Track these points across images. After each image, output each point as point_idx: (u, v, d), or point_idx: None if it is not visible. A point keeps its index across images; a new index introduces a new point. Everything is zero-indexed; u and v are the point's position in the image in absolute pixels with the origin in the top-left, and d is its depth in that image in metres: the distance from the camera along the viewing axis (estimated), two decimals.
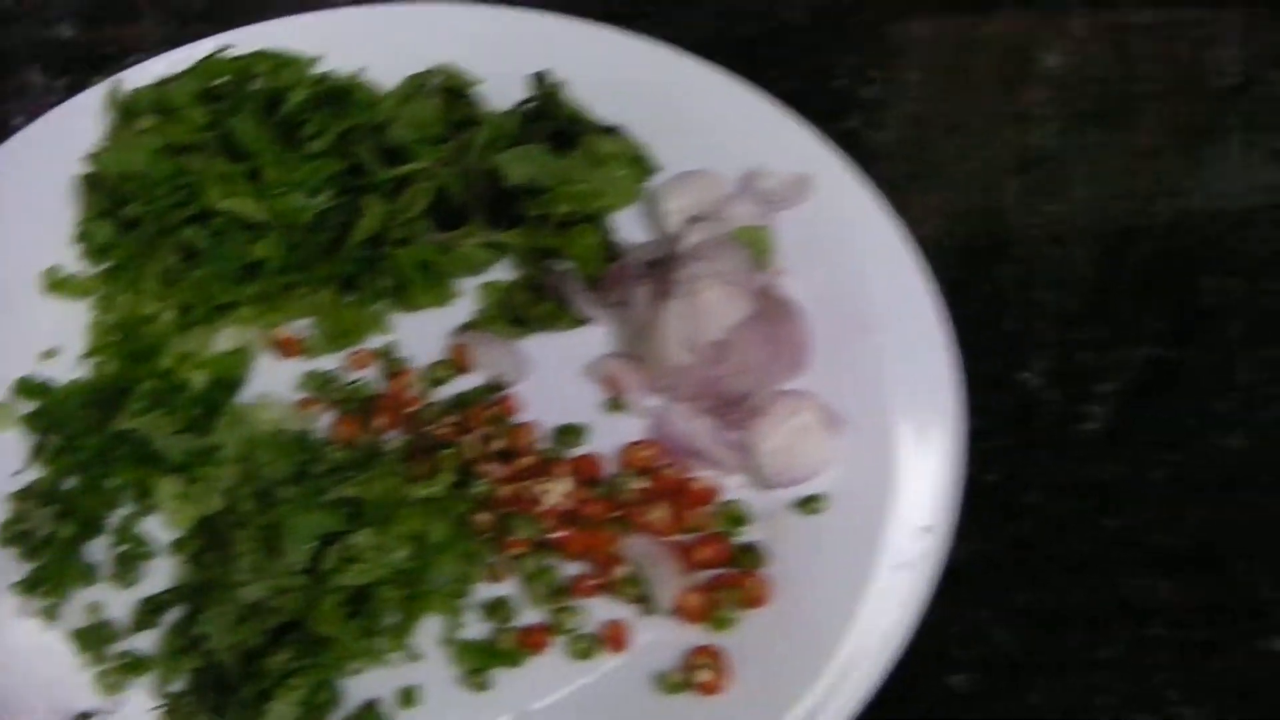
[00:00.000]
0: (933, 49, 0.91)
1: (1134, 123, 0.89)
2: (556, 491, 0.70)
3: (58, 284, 0.78)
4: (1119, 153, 0.88)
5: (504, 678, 0.67)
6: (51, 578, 0.70)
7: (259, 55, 0.81)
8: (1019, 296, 0.81)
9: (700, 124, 0.81)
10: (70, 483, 0.72)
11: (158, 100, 0.79)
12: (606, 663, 0.67)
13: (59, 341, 0.77)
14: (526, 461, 0.72)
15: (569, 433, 0.73)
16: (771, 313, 0.73)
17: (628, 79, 0.83)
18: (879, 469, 0.71)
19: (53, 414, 0.74)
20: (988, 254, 0.82)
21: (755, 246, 0.76)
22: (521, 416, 0.74)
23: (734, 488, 0.72)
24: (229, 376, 0.74)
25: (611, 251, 0.77)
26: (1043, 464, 0.75)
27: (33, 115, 0.85)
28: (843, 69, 0.89)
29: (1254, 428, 0.77)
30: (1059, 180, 0.86)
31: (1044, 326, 0.80)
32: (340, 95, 0.79)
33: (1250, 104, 0.91)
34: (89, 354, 0.76)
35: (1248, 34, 0.94)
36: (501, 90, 0.83)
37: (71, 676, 0.68)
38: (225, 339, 0.75)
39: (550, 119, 0.80)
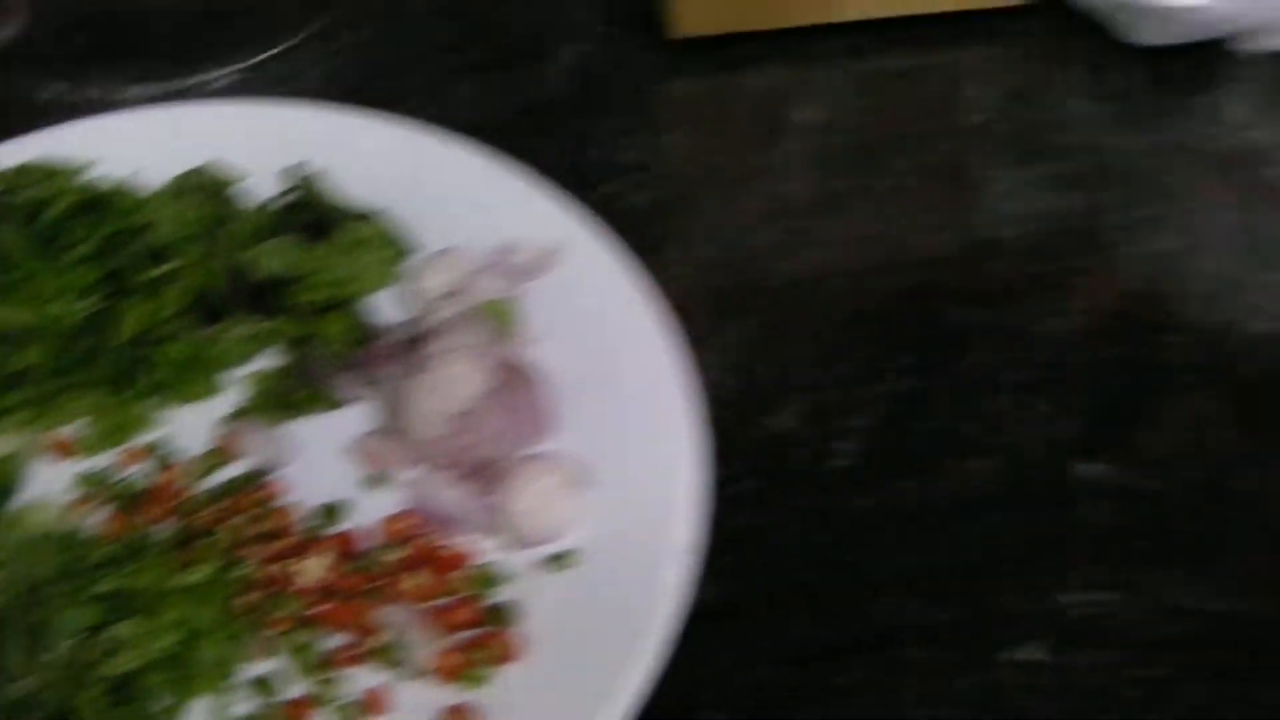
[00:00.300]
0: (689, 109, 0.95)
1: (886, 166, 0.93)
2: (315, 568, 0.74)
3: None
4: (872, 196, 0.92)
5: None
6: None
7: (23, 169, 0.84)
8: (772, 344, 0.85)
9: (458, 202, 0.85)
10: None
11: None
12: None
13: None
14: (289, 542, 0.75)
15: (331, 511, 0.76)
16: (515, 381, 0.77)
17: (388, 163, 0.86)
18: (628, 522, 0.74)
19: None
20: (741, 305, 0.86)
21: (501, 318, 0.79)
22: (286, 498, 0.77)
23: (491, 550, 0.75)
24: (1, 483, 0.77)
25: (367, 333, 0.80)
26: (793, 503, 0.79)
27: None
28: (601, 135, 0.93)
29: (998, 450, 0.81)
30: (813, 228, 0.90)
31: (796, 371, 0.84)
32: (102, 202, 0.82)
33: (996, 140, 0.95)
34: None
35: (992, 72, 0.98)
36: (268, 183, 0.86)
37: None
38: None
39: (307, 209, 0.83)
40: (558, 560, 0.74)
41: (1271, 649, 0.74)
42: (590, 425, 0.77)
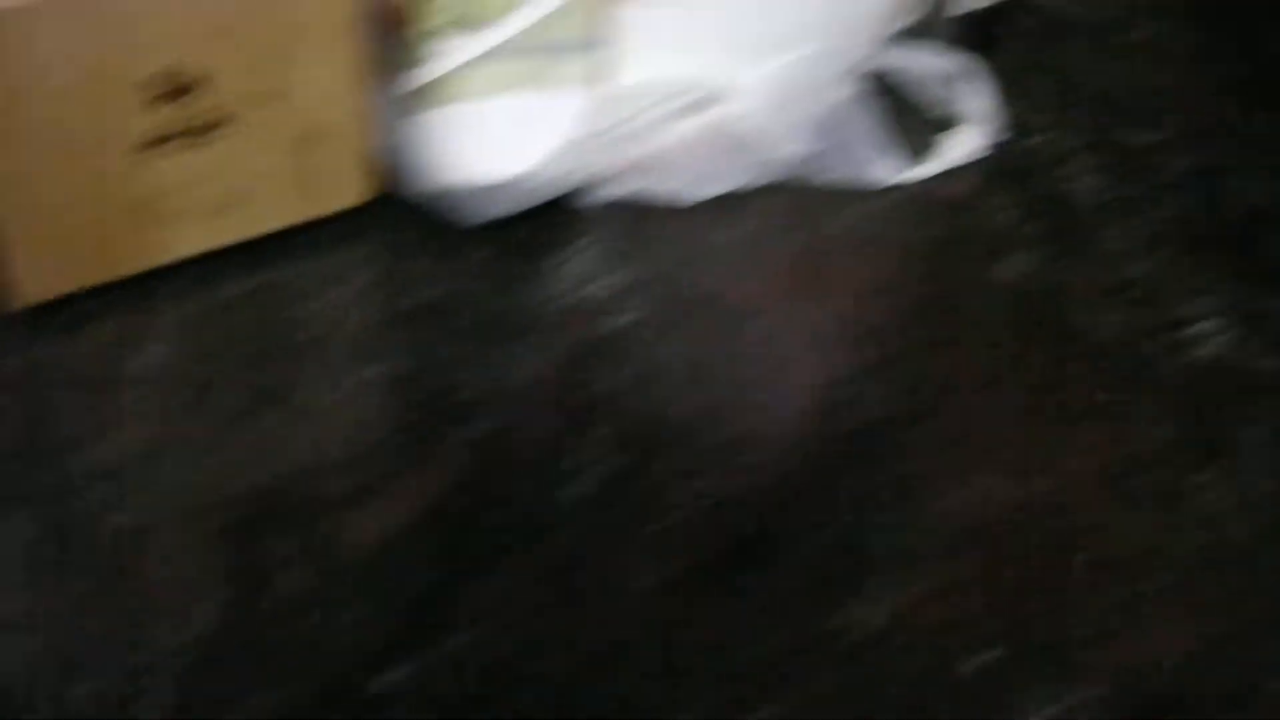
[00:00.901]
0: (31, 377, 0.98)
1: (221, 400, 0.98)
2: None
3: None
4: (204, 434, 0.96)
5: None
6: None
7: None
8: (94, 606, 0.89)
9: None
10: None
11: None
12: None
13: None
14: None
15: None
16: None
17: None
18: None
19: None
20: (65, 570, 0.90)
21: None
22: None
23: None
24: None
25: None
26: None
27: None
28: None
29: (306, 671, 0.85)
30: (141, 478, 0.93)
31: (108, 635, 0.87)
32: None
33: (335, 350, 1.01)
34: None
35: (337, 278, 1.04)
36: None
37: None
38: None
39: None
40: None
41: None
42: None
